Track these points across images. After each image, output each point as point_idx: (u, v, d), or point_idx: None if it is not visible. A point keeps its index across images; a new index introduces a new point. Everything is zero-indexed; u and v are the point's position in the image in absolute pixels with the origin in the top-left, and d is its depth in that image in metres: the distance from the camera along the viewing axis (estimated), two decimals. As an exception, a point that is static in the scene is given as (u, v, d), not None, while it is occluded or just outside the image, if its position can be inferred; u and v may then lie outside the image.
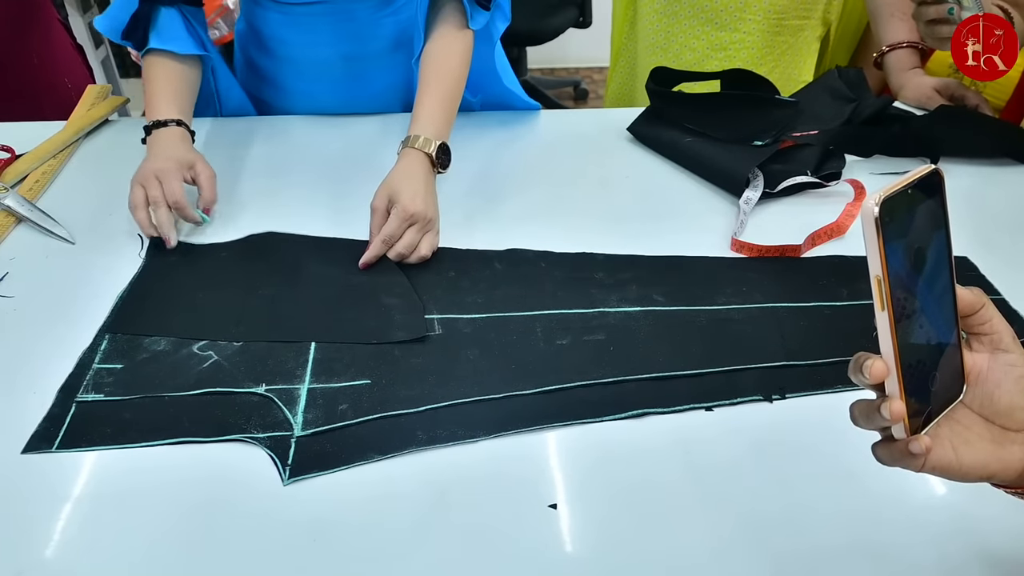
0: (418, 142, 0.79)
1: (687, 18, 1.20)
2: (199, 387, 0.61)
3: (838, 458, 0.55)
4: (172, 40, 0.88)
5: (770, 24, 1.18)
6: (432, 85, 0.84)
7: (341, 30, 0.96)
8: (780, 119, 0.95)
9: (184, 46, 0.89)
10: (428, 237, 0.75)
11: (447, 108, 0.84)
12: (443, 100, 0.84)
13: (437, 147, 0.79)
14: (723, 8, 1.17)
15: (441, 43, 0.87)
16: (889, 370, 0.36)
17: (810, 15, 1.20)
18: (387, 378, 0.62)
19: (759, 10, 1.16)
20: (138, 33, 0.88)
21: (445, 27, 0.88)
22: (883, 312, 0.34)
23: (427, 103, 0.83)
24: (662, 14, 1.22)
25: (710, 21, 1.19)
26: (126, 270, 0.74)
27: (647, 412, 0.59)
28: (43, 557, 0.49)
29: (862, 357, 0.37)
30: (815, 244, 0.79)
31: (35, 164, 0.91)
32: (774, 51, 1.20)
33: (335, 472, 0.54)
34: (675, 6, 1.20)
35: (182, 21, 0.90)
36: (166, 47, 0.88)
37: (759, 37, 1.18)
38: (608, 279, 0.73)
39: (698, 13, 1.19)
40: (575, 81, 3.16)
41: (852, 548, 0.50)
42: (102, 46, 2.12)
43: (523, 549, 0.50)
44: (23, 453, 0.56)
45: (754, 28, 1.18)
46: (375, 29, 0.97)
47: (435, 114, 0.82)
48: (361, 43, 0.98)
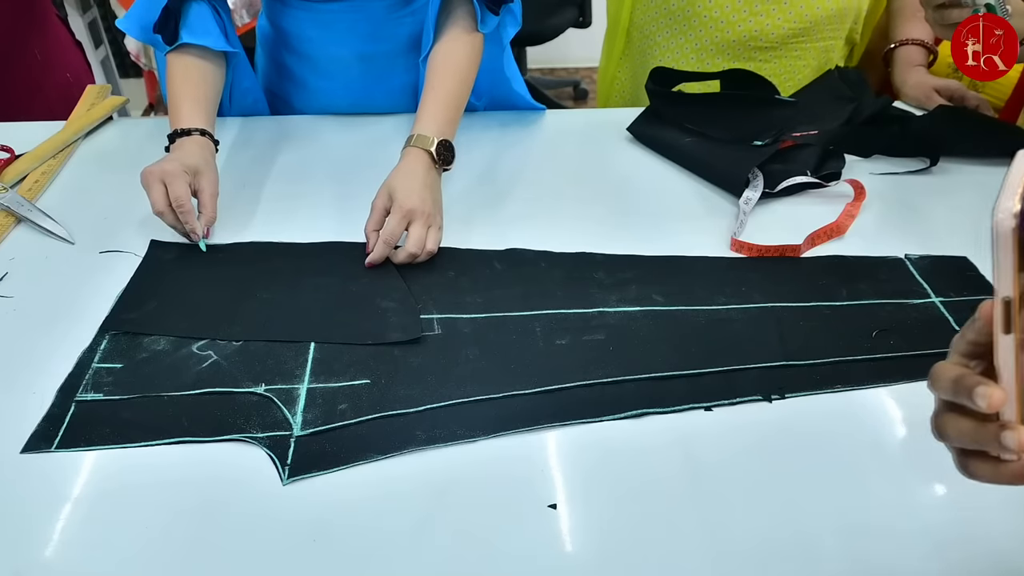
0: (419, 141, 0.79)
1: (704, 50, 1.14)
2: (198, 387, 0.60)
3: (837, 458, 0.55)
4: (205, 35, 0.88)
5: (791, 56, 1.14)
6: (437, 85, 0.85)
7: (359, 28, 0.97)
8: (780, 119, 0.95)
9: (216, 41, 0.89)
10: (432, 232, 0.75)
11: (451, 107, 0.84)
12: (447, 99, 0.84)
13: (438, 144, 0.79)
14: (737, 39, 1.12)
15: (449, 44, 0.87)
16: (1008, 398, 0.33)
17: (836, 35, 1.15)
18: (386, 378, 0.62)
19: (776, 39, 1.12)
20: (169, 28, 0.87)
21: (454, 29, 0.88)
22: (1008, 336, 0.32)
23: (431, 102, 0.83)
24: (664, 48, 1.18)
25: (721, 52, 1.14)
26: (126, 270, 0.74)
27: (646, 412, 0.59)
28: (42, 556, 0.49)
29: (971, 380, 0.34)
30: (815, 244, 0.79)
31: (35, 164, 0.91)
32: (794, 77, 1.15)
33: (334, 472, 0.54)
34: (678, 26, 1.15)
35: (213, 16, 0.90)
36: (199, 42, 0.87)
37: (778, 64, 1.15)
38: (608, 279, 0.73)
39: (708, 46, 1.14)
40: (575, 81, 3.16)
41: (851, 549, 0.49)
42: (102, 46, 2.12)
43: (523, 549, 0.49)
44: (22, 453, 0.56)
45: (771, 56, 1.14)
46: (393, 29, 0.98)
47: (438, 113, 0.82)
48: (378, 42, 0.99)
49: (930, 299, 0.71)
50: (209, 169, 0.79)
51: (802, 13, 1.09)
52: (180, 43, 0.87)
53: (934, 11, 0.83)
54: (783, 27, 1.10)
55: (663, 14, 1.16)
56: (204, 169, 0.79)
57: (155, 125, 1.05)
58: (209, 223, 0.78)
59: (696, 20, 1.12)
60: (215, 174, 0.80)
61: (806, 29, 1.11)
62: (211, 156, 0.82)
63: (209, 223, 0.78)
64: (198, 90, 0.86)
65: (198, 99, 0.85)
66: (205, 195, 0.78)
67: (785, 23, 1.10)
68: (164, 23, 0.87)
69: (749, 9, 1.09)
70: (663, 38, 1.17)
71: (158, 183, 0.75)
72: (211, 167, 0.80)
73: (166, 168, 0.75)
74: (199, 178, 0.78)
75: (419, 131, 0.80)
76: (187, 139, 0.81)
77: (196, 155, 0.79)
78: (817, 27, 1.11)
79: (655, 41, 1.19)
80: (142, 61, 1.97)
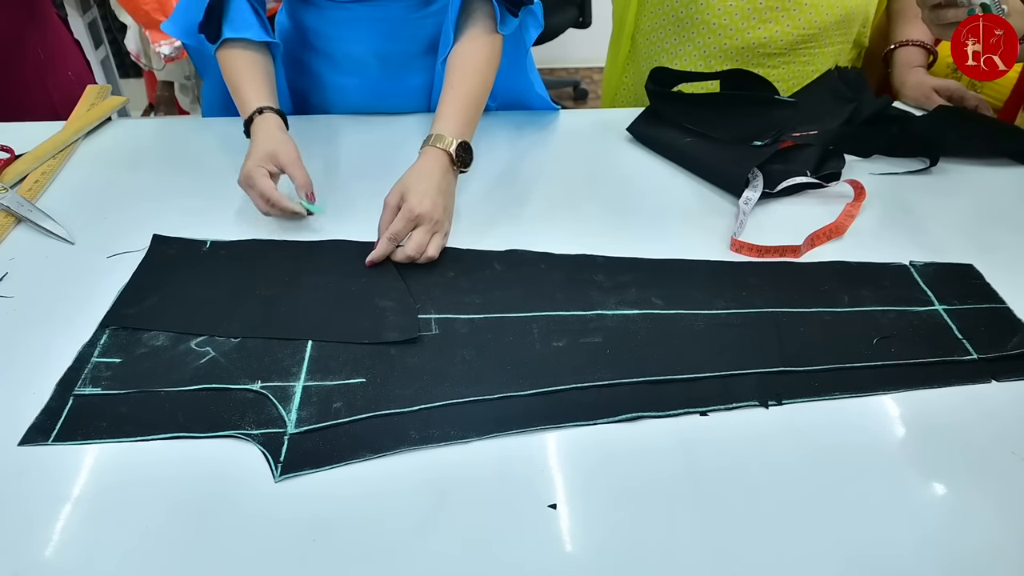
0: (438, 141, 0.79)
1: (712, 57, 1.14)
2: (195, 383, 0.61)
3: (836, 464, 0.55)
4: (246, 28, 0.89)
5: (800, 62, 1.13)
6: (456, 86, 0.85)
7: (379, 28, 0.97)
8: (780, 119, 0.95)
9: (258, 33, 0.90)
10: (435, 238, 0.75)
11: (470, 108, 0.84)
12: (467, 100, 0.84)
13: (457, 146, 0.79)
14: (745, 46, 1.12)
15: (469, 45, 0.87)
16: None
17: (844, 40, 1.14)
18: (382, 377, 0.62)
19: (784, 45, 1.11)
20: (213, 26, 0.90)
21: (474, 30, 0.88)
22: None
23: (450, 103, 0.83)
24: (671, 54, 1.17)
25: (729, 59, 1.13)
26: (126, 270, 0.74)
27: (641, 416, 0.59)
28: (38, 552, 0.49)
29: None
30: (815, 245, 0.79)
31: (35, 164, 0.91)
32: (803, 83, 1.13)
33: (328, 470, 0.54)
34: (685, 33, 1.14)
35: (251, 10, 0.91)
36: (241, 35, 0.89)
37: (786, 70, 1.14)
38: (607, 281, 0.73)
39: (715, 53, 1.13)
40: (575, 81, 3.16)
41: (850, 550, 0.49)
42: (102, 46, 2.12)
43: (522, 549, 0.49)
44: (20, 445, 0.56)
45: (779, 63, 1.13)
46: (412, 29, 0.98)
47: (458, 114, 0.82)
48: (397, 42, 0.99)
49: (933, 307, 0.70)
50: (281, 143, 0.81)
51: (811, 20, 1.08)
52: (224, 39, 0.89)
53: (930, 11, 0.83)
54: (791, 34, 1.09)
55: (670, 21, 1.15)
56: (277, 146, 0.80)
57: (155, 126, 1.05)
58: (306, 187, 0.80)
59: (704, 27, 1.12)
60: (289, 144, 0.81)
61: (814, 35, 1.10)
62: (279, 129, 0.83)
63: (306, 187, 0.80)
64: (253, 73, 0.88)
65: (255, 80, 0.87)
66: (289, 168, 0.80)
67: (794, 30, 1.09)
68: (208, 22, 0.89)
69: (757, 17, 1.09)
70: (669, 44, 1.17)
71: (248, 190, 0.79)
72: (282, 140, 0.82)
73: (245, 171, 0.79)
74: (277, 156, 0.80)
75: (438, 131, 0.80)
76: (256, 121, 0.83)
77: (267, 136, 0.81)
78: (825, 33, 1.11)
79: (661, 47, 1.18)
80: (142, 61, 1.97)
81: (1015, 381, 0.63)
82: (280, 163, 0.80)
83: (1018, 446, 0.56)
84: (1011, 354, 0.65)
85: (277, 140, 0.81)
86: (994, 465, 0.55)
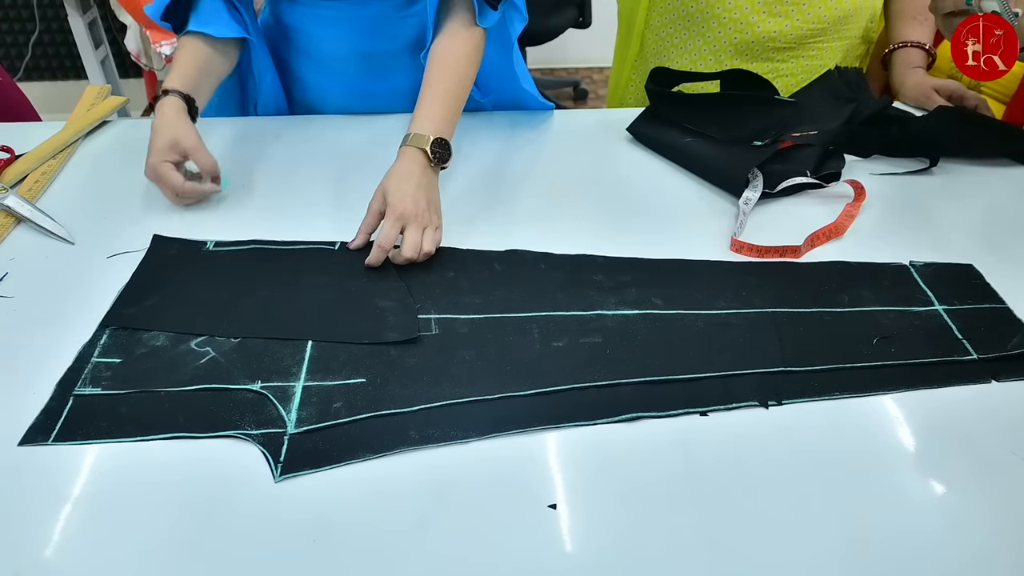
0: (415, 140, 0.79)
1: (722, 51, 1.14)
2: (195, 383, 0.61)
3: (835, 464, 0.55)
4: (209, 23, 0.89)
5: (809, 56, 1.13)
6: (434, 83, 0.84)
7: (361, 27, 0.97)
8: (780, 119, 0.95)
9: (220, 29, 0.89)
10: (428, 233, 0.74)
11: (449, 104, 0.83)
12: (445, 96, 0.83)
13: (432, 142, 0.78)
14: (755, 40, 1.11)
15: (447, 40, 0.87)
16: None
17: (853, 34, 1.14)
18: (382, 377, 0.62)
19: (794, 39, 1.11)
20: (178, 15, 0.90)
21: (453, 24, 0.87)
22: None
23: (428, 100, 0.82)
24: (680, 49, 1.17)
25: (739, 53, 1.13)
26: (125, 270, 0.74)
27: (640, 416, 0.59)
28: (37, 552, 0.49)
29: None
30: (815, 245, 0.79)
31: (35, 164, 0.91)
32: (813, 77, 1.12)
33: (328, 470, 0.54)
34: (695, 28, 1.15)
35: (224, 5, 0.91)
36: (202, 30, 0.89)
37: (796, 64, 1.14)
38: (607, 281, 0.73)
39: (726, 47, 1.13)
40: (575, 81, 3.16)
41: (850, 550, 0.49)
42: (102, 46, 2.12)
43: (522, 549, 0.49)
44: (20, 445, 0.56)
45: (789, 56, 1.13)
46: (395, 28, 0.97)
47: (435, 111, 0.81)
48: (380, 41, 0.98)
49: (934, 307, 0.70)
50: (181, 130, 0.81)
51: (820, 14, 1.10)
52: (187, 31, 0.89)
53: (943, 19, 0.83)
54: (801, 27, 1.10)
55: (680, 16, 1.15)
56: (177, 133, 0.81)
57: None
58: (212, 172, 0.82)
59: (715, 21, 1.12)
60: (189, 130, 0.82)
61: (824, 29, 1.11)
62: (177, 114, 0.83)
63: (212, 172, 0.82)
64: (186, 62, 0.88)
65: (183, 68, 0.88)
66: (193, 155, 0.81)
67: (804, 23, 1.10)
68: (173, 10, 0.89)
69: (768, 11, 1.09)
70: (680, 39, 1.17)
71: (156, 183, 0.80)
72: (181, 127, 0.82)
73: (149, 165, 0.80)
74: (179, 144, 0.81)
75: (415, 130, 0.80)
76: (157, 105, 0.84)
77: (165, 123, 0.82)
78: (835, 26, 1.11)
79: (671, 43, 1.18)
80: (142, 61, 1.98)
81: (1015, 381, 0.63)
82: (183, 150, 0.81)
83: (1018, 446, 0.56)
84: (1011, 354, 0.65)
85: (176, 127, 0.81)
86: (994, 465, 0.55)
